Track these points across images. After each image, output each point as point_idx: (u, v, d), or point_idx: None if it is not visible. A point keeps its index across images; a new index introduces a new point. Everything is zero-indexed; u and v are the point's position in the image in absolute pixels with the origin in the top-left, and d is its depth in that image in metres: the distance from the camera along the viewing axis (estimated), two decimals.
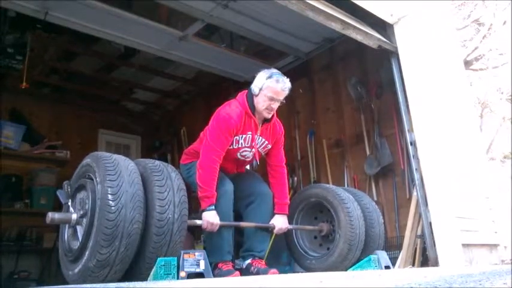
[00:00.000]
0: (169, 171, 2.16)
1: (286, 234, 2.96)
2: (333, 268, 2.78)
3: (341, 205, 2.82)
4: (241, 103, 2.70)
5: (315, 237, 3.08)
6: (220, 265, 2.51)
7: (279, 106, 2.73)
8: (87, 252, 1.89)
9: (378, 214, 3.08)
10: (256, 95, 2.67)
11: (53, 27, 4.24)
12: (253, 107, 2.68)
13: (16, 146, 5.40)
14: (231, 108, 2.67)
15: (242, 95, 2.76)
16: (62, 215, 2.09)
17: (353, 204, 2.87)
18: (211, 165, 2.52)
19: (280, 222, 2.76)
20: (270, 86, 2.63)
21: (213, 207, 2.46)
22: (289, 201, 2.89)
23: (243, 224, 2.74)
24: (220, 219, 2.48)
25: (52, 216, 2.02)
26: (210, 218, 2.43)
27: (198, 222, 2.42)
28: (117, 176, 1.93)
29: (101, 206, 1.88)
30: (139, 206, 1.93)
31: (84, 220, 2.00)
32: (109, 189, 1.89)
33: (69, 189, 2.17)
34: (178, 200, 2.06)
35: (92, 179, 2.03)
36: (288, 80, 2.71)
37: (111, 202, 1.86)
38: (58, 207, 2.08)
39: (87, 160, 2.15)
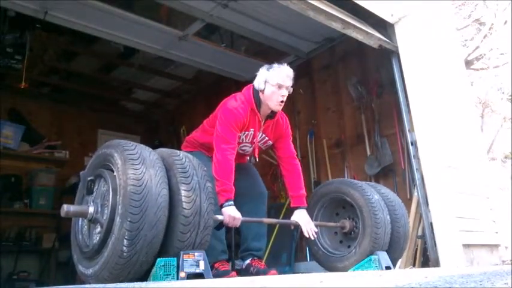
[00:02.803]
0: (202, 200, 1.89)
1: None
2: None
3: (371, 214, 2.67)
4: (247, 99, 2.65)
5: (335, 233, 2.97)
6: (216, 265, 2.49)
7: None
8: (90, 271, 1.85)
9: (406, 221, 2.93)
10: (263, 90, 2.62)
11: (53, 27, 4.23)
12: (259, 104, 2.64)
13: (15, 146, 5.40)
14: (238, 103, 2.62)
15: (248, 89, 2.70)
16: (77, 208, 1.99)
17: (384, 225, 2.70)
18: (227, 157, 2.47)
19: (303, 219, 2.65)
20: (275, 74, 2.60)
21: (232, 202, 2.39)
22: (305, 193, 2.78)
23: (266, 220, 2.69)
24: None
25: (67, 209, 1.91)
26: (232, 212, 2.36)
27: (220, 217, 2.33)
28: (141, 215, 1.72)
29: (114, 245, 1.74)
30: (155, 250, 1.81)
31: (98, 227, 1.92)
32: (127, 232, 1.71)
33: (91, 186, 2.04)
34: (200, 241, 1.90)
35: (113, 171, 1.89)
36: (288, 66, 2.67)
37: (124, 248, 1.72)
38: (57, 207, 2.02)
39: (112, 151, 1.92)
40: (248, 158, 3.00)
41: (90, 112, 6.57)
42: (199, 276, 1.95)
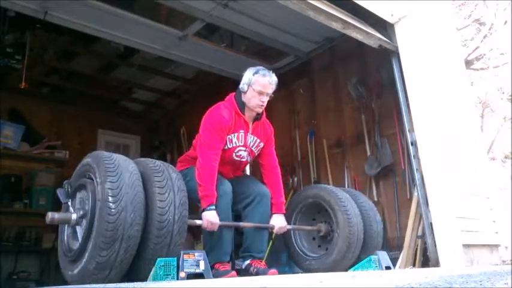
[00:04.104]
0: (170, 171, 2.14)
1: (285, 235, 2.98)
2: (332, 268, 2.78)
3: (338, 204, 2.83)
4: (230, 103, 2.75)
5: (313, 238, 3.09)
6: (217, 265, 2.50)
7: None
8: (86, 254, 1.88)
9: (375, 212, 3.10)
10: (245, 92, 2.72)
11: (53, 27, 4.23)
12: (242, 106, 2.73)
13: (15, 146, 5.40)
14: (221, 108, 2.72)
15: (230, 96, 2.81)
16: (61, 215, 2.09)
17: (350, 203, 2.88)
18: (210, 163, 2.53)
19: (279, 222, 2.78)
20: (258, 80, 2.69)
21: (214, 206, 2.46)
22: (285, 200, 2.90)
23: (242, 224, 2.74)
24: (220, 220, 2.47)
25: (52, 216, 2.01)
26: (210, 217, 2.43)
27: (198, 222, 2.41)
28: (118, 177, 1.92)
29: (101, 208, 1.86)
30: (140, 208, 1.92)
31: (84, 221, 1.99)
32: (109, 191, 1.87)
33: (69, 189, 2.16)
34: (179, 202, 2.05)
35: (92, 179, 2.01)
36: (274, 74, 2.77)
37: (111, 204, 1.85)
38: (57, 207, 2.06)
39: (87, 160, 2.13)
40: (244, 170, 3.05)
41: (90, 112, 6.56)
42: (199, 276, 1.96)
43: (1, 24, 4.28)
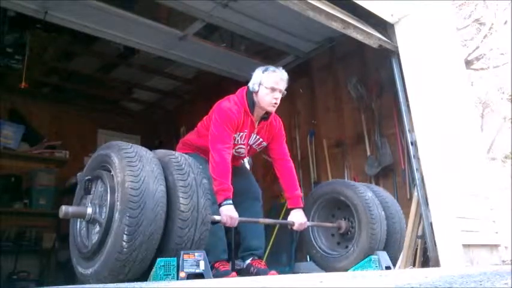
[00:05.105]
0: (200, 195, 1.94)
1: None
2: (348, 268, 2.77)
3: (368, 223, 2.74)
4: (240, 100, 2.69)
5: (332, 235, 3.05)
6: (217, 265, 2.50)
7: (278, 106, 2.72)
8: (90, 271, 1.86)
9: (403, 228, 3.01)
10: (257, 91, 2.66)
11: (53, 27, 4.23)
12: (252, 105, 2.68)
13: (15, 146, 5.40)
14: (231, 104, 2.66)
15: (242, 91, 2.75)
16: (76, 209, 2.02)
17: (380, 223, 2.77)
18: (224, 157, 2.49)
19: (298, 218, 2.72)
20: (269, 77, 2.65)
21: (230, 201, 2.41)
22: (301, 193, 2.83)
23: (261, 220, 2.71)
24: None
25: (66, 210, 1.95)
26: (229, 211, 2.38)
27: (217, 217, 2.33)
28: (140, 210, 1.75)
29: (114, 243, 1.76)
30: (153, 247, 1.82)
31: (97, 226, 1.93)
32: (126, 228, 1.73)
33: (89, 186, 2.07)
34: (198, 237, 1.93)
35: (111, 172, 1.92)
36: (284, 70, 2.73)
37: (124, 244, 1.74)
38: (57, 207, 2.03)
39: (108, 151, 1.97)
40: (242, 161, 3.03)
41: (90, 112, 6.57)
42: (199, 276, 1.95)
43: (1, 24, 4.28)
